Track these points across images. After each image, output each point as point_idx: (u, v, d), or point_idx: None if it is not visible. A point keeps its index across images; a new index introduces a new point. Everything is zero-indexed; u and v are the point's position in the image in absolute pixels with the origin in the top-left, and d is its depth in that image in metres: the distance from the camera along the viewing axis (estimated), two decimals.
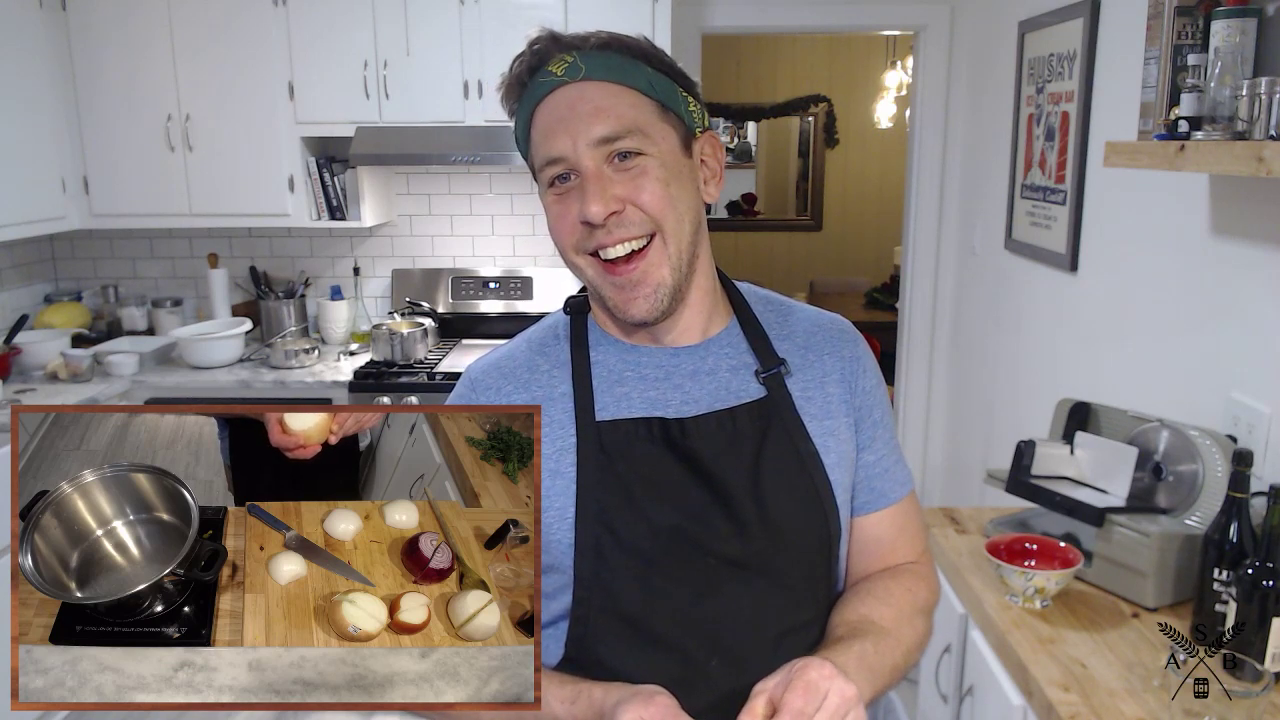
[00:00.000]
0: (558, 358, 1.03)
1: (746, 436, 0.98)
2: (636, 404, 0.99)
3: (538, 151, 0.96)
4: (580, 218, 0.93)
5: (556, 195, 0.96)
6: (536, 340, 1.06)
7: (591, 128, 0.92)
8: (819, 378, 1.03)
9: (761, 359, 1.02)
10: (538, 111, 0.96)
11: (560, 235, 0.97)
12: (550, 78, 0.95)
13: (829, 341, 1.06)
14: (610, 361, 1.01)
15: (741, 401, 0.99)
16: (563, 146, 0.93)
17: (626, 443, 0.96)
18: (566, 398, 0.99)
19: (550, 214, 0.97)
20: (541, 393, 1.00)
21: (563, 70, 0.95)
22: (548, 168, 0.95)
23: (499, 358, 1.05)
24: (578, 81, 0.94)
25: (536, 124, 0.96)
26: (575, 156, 0.93)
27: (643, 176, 0.93)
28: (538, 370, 1.02)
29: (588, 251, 0.95)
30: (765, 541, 0.96)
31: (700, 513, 0.95)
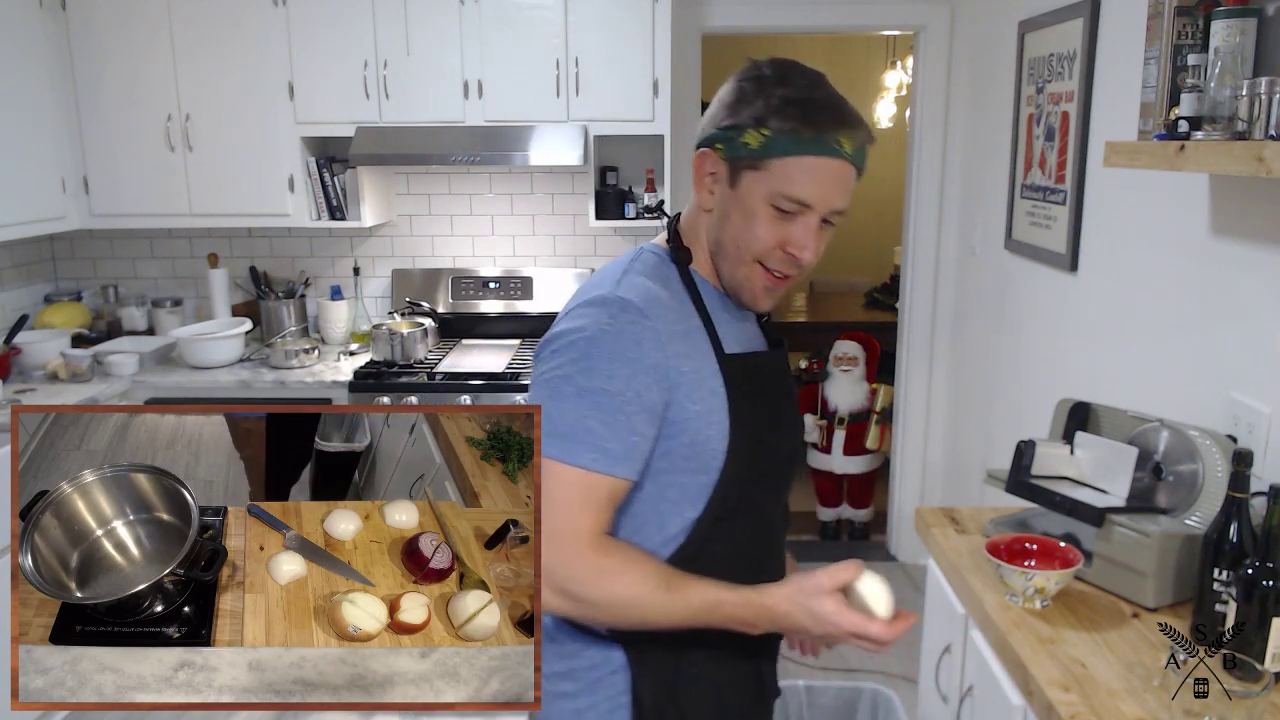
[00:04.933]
0: (683, 296, 1.20)
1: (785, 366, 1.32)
2: (737, 339, 1.22)
3: (789, 181, 1.12)
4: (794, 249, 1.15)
5: (776, 215, 1.14)
6: (659, 279, 1.19)
7: (839, 200, 1.14)
8: None
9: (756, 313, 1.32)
10: (816, 159, 1.12)
11: (752, 241, 1.15)
12: (840, 150, 1.13)
13: None
14: (713, 305, 1.22)
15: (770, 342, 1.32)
16: (815, 200, 1.12)
17: (748, 370, 1.20)
18: (700, 331, 1.18)
19: (757, 221, 1.14)
20: (688, 325, 1.17)
21: (852, 149, 1.13)
22: (789, 200, 1.12)
23: (645, 290, 1.15)
24: (849, 162, 1.14)
25: (804, 164, 1.11)
26: (817, 210, 1.14)
27: (825, 240, 1.18)
28: (681, 305, 1.18)
29: (764, 265, 1.16)
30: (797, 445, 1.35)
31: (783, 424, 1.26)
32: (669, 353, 1.11)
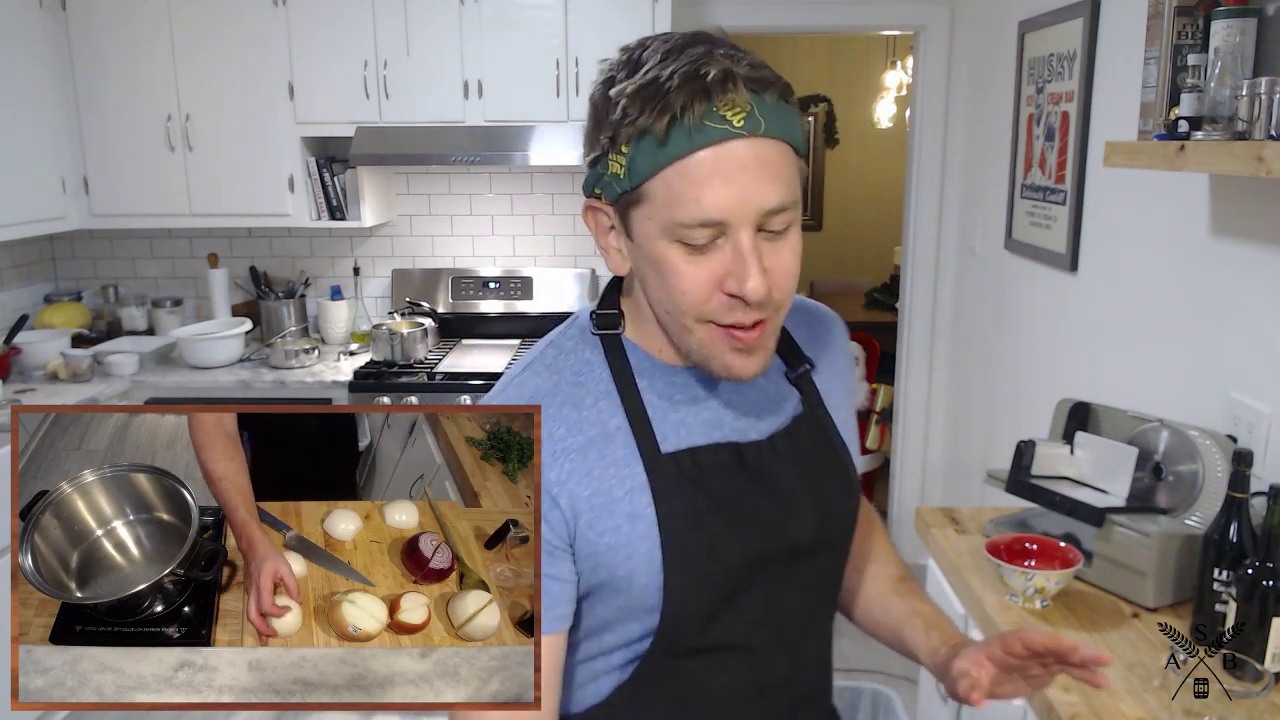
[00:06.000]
0: (599, 387, 0.92)
1: (805, 449, 0.98)
2: (695, 429, 0.93)
3: (678, 204, 0.81)
4: (728, 288, 0.82)
5: (686, 253, 0.83)
6: (568, 369, 0.94)
7: (763, 196, 0.80)
8: (827, 368, 1.04)
9: (789, 360, 1.00)
10: (695, 158, 0.79)
11: (686, 300, 0.84)
12: (724, 126, 0.79)
13: (828, 332, 1.08)
14: (659, 387, 0.93)
15: (793, 415, 0.99)
16: (726, 210, 0.80)
17: (699, 474, 0.90)
18: (623, 431, 0.90)
19: (673, 271, 0.83)
20: (595, 430, 0.90)
21: (741, 121, 0.79)
22: (694, 229, 0.81)
23: (533, 395, 0.92)
24: (756, 137, 0.80)
25: (688, 171, 0.80)
26: (737, 224, 0.80)
27: (787, 250, 0.84)
28: (583, 405, 0.91)
29: (717, 323, 0.85)
30: (822, 539, 0.99)
31: (774, 531, 0.94)
32: (550, 479, 0.88)
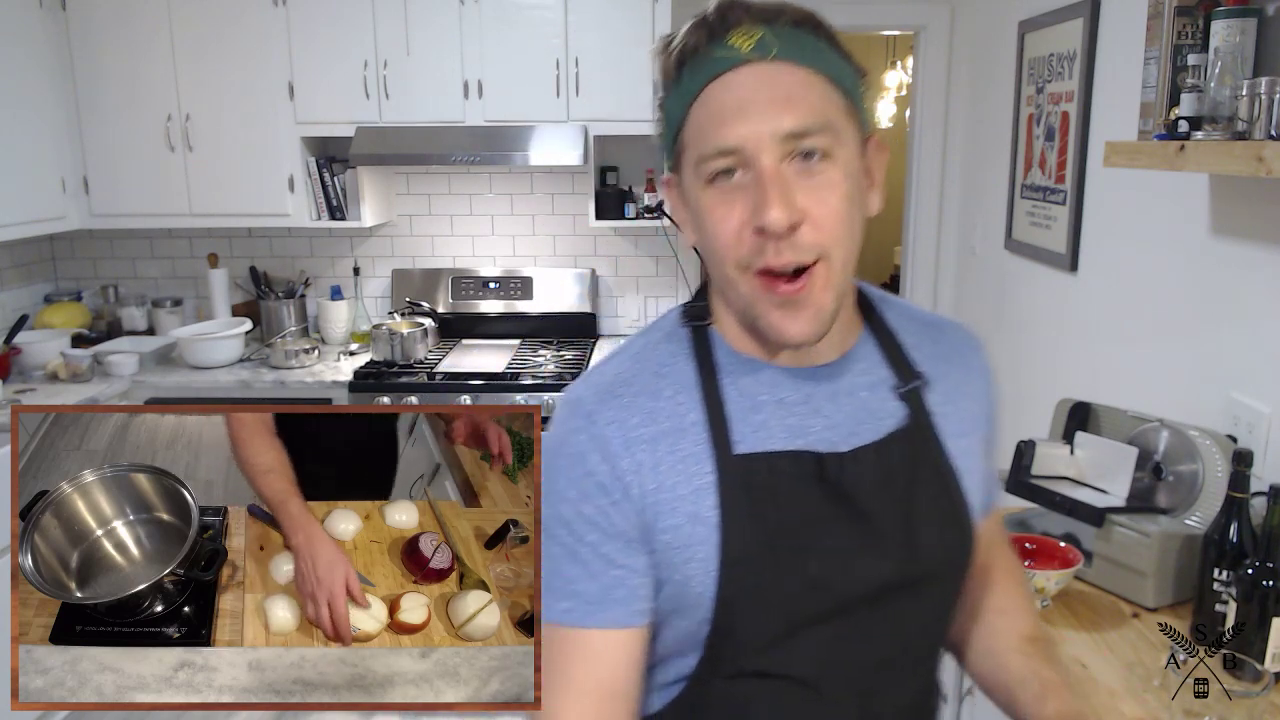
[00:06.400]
0: (681, 380, 0.88)
1: (898, 469, 0.89)
2: (777, 434, 0.86)
3: (701, 137, 0.80)
4: (754, 223, 0.78)
5: (719, 195, 0.80)
6: (653, 359, 0.90)
7: (780, 118, 0.77)
8: (953, 391, 0.95)
9: (898, 373, 0.92)
10: (709, 90, 0.80)
11: (721, 244, 0.81)
12: (732, 53, 0.79)
13: (959, 351, 0.99)
14: (743, 384, 0.88)
15: (889, 430, 0.90)
16: (740, 136, 0.77)
17: (773, 481, 0.84)
18: (698, 427, 0.85)
19: (710, 216, 0.81)
20: (669, 423, 0.85)
21: (750, 46, 0.79)
22: (715, 159, 0.79)
23: (611, 381, 0.88)
24: (767, 61, 0.79)
25: (706, 105, 0.80)
26: (754, 149, 0.78)
27: (827, 188, 0.79)
28: (660, 396, 0.86)
29: (755, 269, 0.80)
30: (910, 578, 0.88)
31: (851, 554, 0.86)
32: (622, 466, 0.83)
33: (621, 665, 0.84)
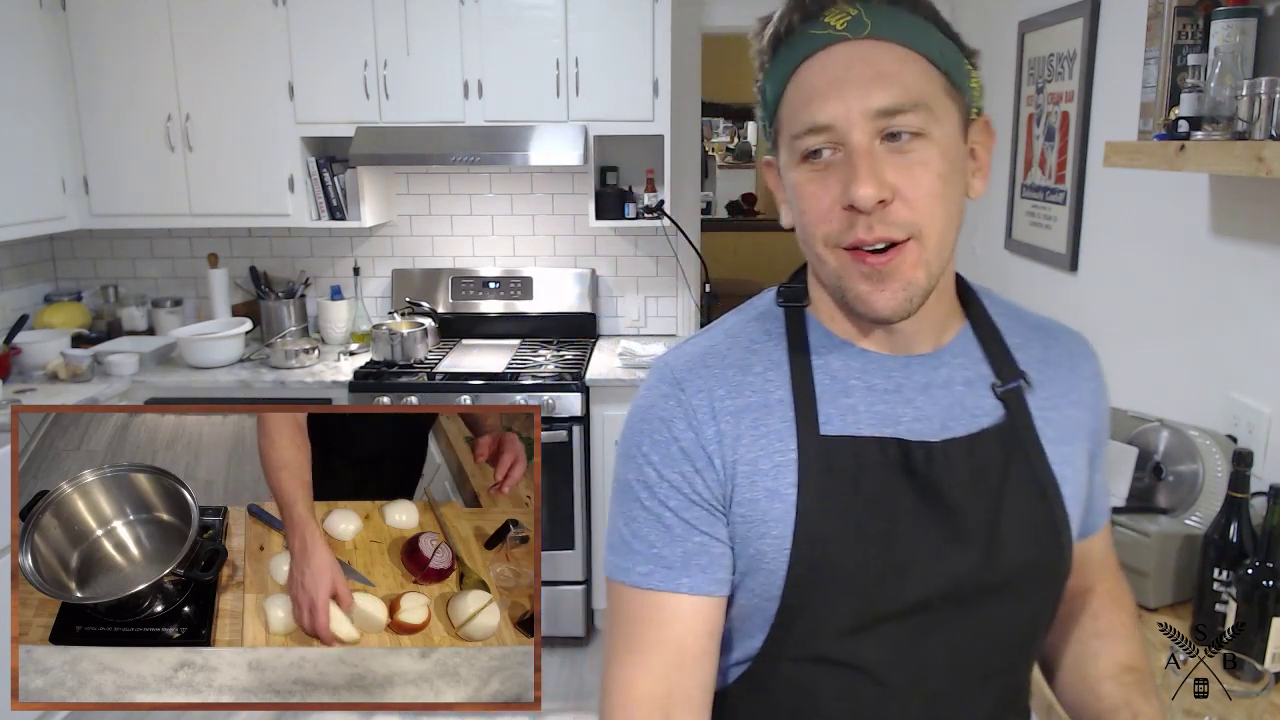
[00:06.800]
0: (771, 357, 0.88)
1: (990, 466, 0.86)
2: (865, 419, 0.85)
3: (795, 116, 0.81)
4: (844, 200, 0.78)
5: (811, 172, 0.81)
6: (745, 335, 0.90)
7: (870, 95, 0.77)
8: (1058, 396, 0.93)
9: (999, 371, 0.90)
10: (803, 69, 0.80)
11: (812, 221, 0.81)
12: (826, 30, 0.79)
13: (1069, 357, 0.96)
14: (834, 366, 0.87)
15: (984, 425, 0.87)
16: (832, 113, 0.78)
17: (856, 465, 0.83)
18: (785, 405, 0.85)
19: (802, 194, 0.82)
20: (755, 398, 0.85)
21: (844, 24, 0.79)
22: (807, 136, 0.79)
23: (702, 352, 0.89)
24: (860, 39, 0.79)
25: (799, 83, 0.80)
26: (845, 126, 0.78)
27: (920, 166, 0.78)
28: (750, 370, 0.87)
29: (844, 246, 0.80)
30: (991, 582, 0.86)
31: (932, 549, 0.84)
32: (707, 435, 0.84)
33: (697, 634, 0.84)
